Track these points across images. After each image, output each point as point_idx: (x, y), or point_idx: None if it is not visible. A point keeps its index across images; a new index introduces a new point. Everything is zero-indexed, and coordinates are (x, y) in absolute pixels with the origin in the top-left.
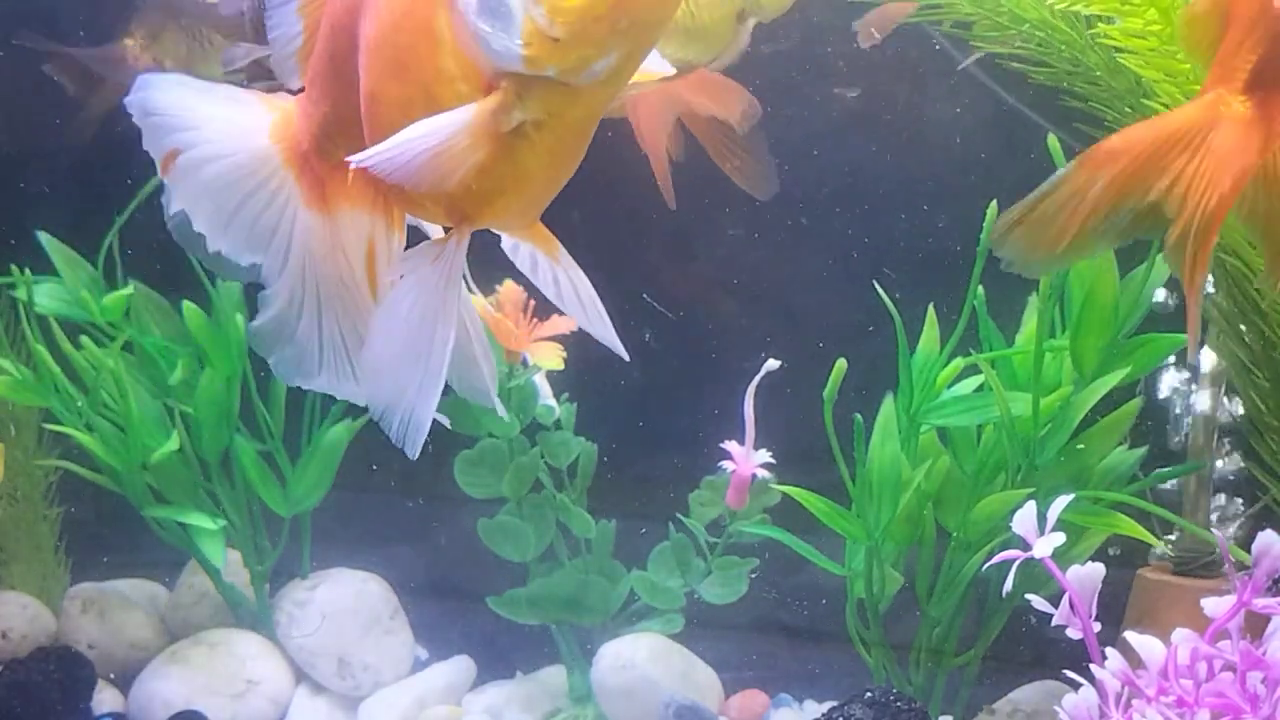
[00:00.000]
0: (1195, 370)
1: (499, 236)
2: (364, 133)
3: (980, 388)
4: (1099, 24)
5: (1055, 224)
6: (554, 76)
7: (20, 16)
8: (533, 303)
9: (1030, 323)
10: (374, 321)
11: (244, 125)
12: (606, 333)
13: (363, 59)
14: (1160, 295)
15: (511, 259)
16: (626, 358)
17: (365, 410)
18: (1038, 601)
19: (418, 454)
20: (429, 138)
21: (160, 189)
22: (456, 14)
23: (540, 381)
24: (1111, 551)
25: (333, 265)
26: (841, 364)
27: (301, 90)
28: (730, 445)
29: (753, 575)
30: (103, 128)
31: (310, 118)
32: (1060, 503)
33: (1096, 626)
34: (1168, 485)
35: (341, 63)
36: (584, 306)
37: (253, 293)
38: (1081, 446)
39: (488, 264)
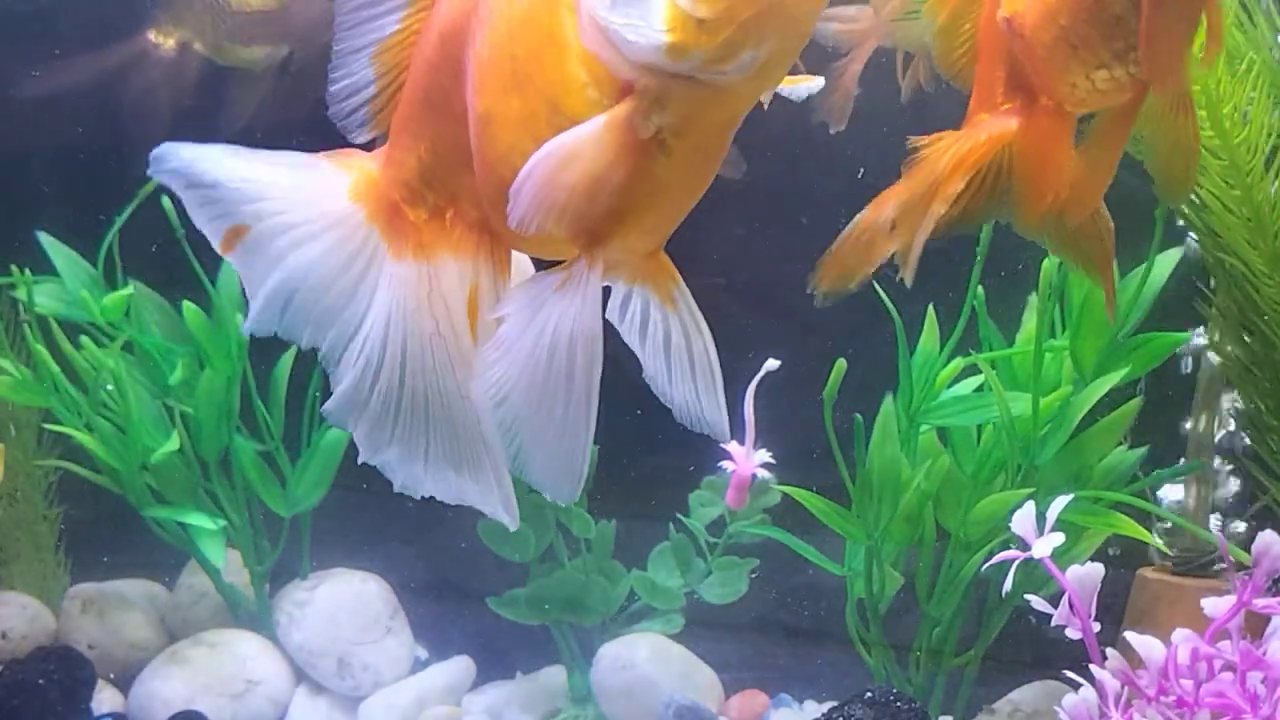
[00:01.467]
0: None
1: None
2: (474, 163)
3: (980, 388)
4: None
5: (860, 256)
6: (697, 73)
7: (40, 14)
8: None
9: (1030, 323)
10: (493, 366)
11: (319, 190)
12: (713, 407)
13: (474, 82)
14: None
15: (618, 326)
16: (726, 439)
17: None
18: (1037, 602)
19: (572, 500)
20: (564, 158)
21: (160, 188)
22: (582, 13)
23: None
24: (1111, 551)
25: (427, 317)
26: (841, 364)
27: (367, 143)
28: (730, 445)
29: (753, 575)
30: (101, 126)
31: (401, 165)
32: (1059, 503)
33: (1096, 626)
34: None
35: (441, 98)
36: (694, 370)
37: None
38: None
39: None
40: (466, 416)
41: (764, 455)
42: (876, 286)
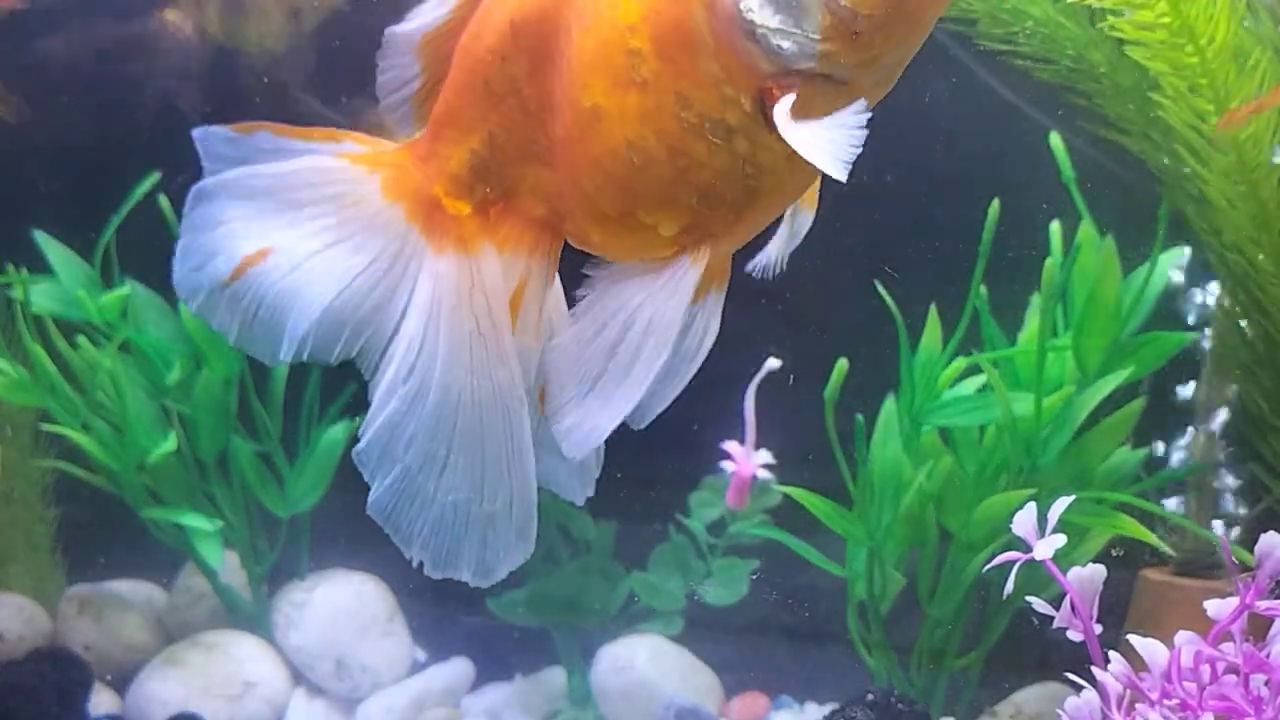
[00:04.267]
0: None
1: None
2: (569, 158)
3: (982, 388)
4: (1108, 18)
5: None
6: (838, 74)
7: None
8: None
9: (1032, 322)
10: (579, 343)
11: (348, 195)
12: (631, 402)
13: (573, 76)
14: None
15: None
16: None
17: (364, 411)
18: (1038, 603)
19: (576, 457)
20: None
21: (157, 186)
22: (720, 10)
23: None
24: (1114, 553)
25: (467, 314)
26: (842, 364)
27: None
28: (731, 445)
29: (753, 576)
30: (100, 126)
31: (448, 158)
32: (1061, 504)
33: (1099, 628)
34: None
35: (508, 89)
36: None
37: None
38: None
39: None
40: (496, 419)
41: (764, 455)
42: (878, 286)
